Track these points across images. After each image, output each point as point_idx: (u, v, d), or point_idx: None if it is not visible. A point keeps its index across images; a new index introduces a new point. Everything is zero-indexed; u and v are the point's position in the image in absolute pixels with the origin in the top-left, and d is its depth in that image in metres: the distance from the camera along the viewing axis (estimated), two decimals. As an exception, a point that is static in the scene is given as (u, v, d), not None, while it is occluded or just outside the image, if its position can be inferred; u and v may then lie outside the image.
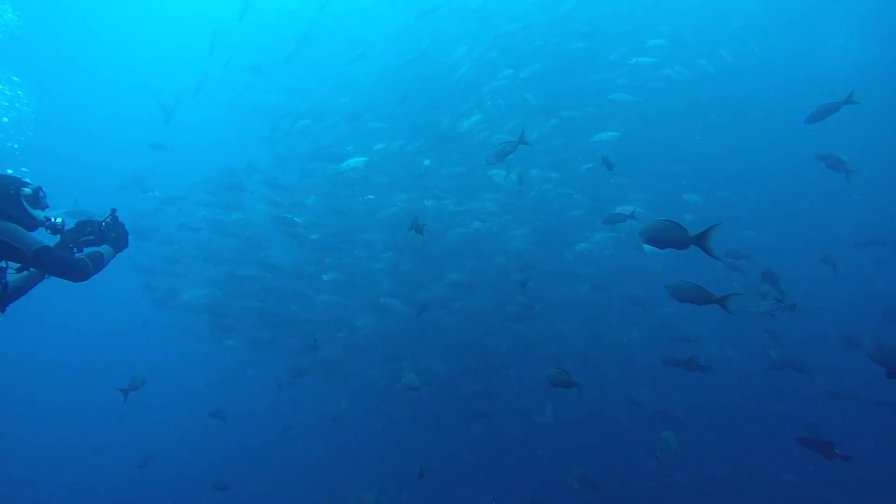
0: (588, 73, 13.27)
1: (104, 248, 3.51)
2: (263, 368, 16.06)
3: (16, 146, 5.59)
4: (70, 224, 3.56)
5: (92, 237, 3.55)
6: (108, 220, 3.64)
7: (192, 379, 20.61)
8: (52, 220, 3.41)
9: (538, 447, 13.79)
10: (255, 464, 17.87)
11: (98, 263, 3.36)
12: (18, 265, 3.19)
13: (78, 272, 3.19)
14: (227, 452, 17.57)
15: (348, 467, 16.19)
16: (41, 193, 3.37)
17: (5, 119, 5.75)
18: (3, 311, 3.20)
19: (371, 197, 13.16)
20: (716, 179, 14.20)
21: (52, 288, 3.77)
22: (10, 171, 3.46)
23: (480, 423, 12.62)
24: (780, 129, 14.98)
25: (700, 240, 3.89)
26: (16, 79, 6.13)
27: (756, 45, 14.40)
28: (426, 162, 12.44)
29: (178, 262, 15.11)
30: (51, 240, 3.41)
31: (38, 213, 3.35)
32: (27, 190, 3.29)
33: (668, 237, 4.04)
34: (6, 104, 5.89)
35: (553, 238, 12.84)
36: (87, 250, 3.49)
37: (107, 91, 30.11)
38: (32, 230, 3.28)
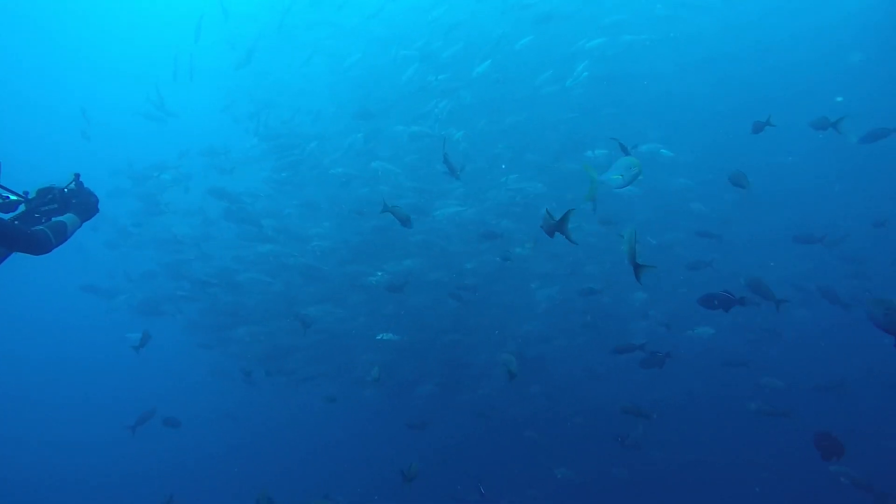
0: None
1: (67, 217, 3.20)
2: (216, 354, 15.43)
3: None
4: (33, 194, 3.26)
5: (56, 206, 3.28)
6: (70, 185, 3.35)
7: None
8: (7, 198, 3.07)
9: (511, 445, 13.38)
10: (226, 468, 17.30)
11: (60, 234, 3.05)
12: None
13: (36, 244, 2.86)
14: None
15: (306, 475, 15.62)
16: None
17: None
18: None
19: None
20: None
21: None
22: None
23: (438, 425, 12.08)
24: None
25: (560, 225, 3.84)
26: None
27: None
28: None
29: (118, 247, 14.72)
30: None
31: None
32: None
33: (544, 225, 4.01)
34: None
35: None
36: (54, 219, 3.19)
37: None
38: None
